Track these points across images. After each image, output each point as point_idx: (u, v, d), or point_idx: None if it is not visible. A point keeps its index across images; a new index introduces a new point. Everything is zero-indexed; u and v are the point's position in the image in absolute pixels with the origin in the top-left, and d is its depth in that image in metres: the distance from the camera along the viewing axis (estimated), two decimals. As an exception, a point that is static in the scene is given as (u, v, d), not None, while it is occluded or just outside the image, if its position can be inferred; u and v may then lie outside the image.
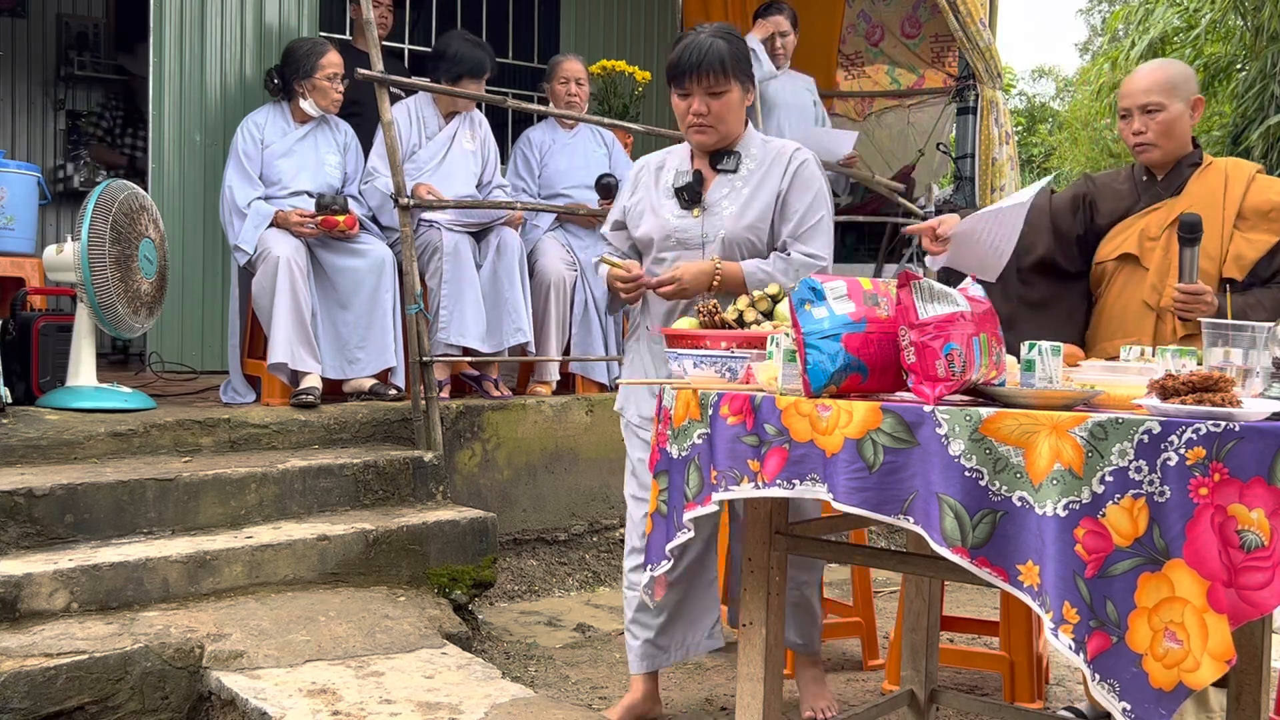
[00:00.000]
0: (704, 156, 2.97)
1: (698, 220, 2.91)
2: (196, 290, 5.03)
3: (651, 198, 3.00)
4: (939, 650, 2.85)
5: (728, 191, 2.91)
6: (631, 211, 3.05)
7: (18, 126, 7.06)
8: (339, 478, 3.68)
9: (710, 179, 2.95)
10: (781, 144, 2.98)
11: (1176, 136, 2.92)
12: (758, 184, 2.91)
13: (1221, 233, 2.82)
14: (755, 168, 2.92)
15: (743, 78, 2.85)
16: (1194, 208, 2.84)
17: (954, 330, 1.89)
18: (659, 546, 2.25)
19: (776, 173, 2.91)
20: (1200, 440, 1.64)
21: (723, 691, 3.30)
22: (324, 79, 4.38)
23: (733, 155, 2.93)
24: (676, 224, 2.92)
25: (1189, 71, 2.99)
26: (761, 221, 2.89)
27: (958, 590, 4.38)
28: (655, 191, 3.00)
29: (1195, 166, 2.94)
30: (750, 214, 2.88)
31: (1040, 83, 22.38)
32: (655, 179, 3.02)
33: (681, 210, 2.93)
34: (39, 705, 2.54)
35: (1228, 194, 2.85)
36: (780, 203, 2.89)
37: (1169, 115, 2.90)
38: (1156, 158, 2.95)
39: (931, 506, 1.84)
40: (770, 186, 2.90)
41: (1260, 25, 9.69)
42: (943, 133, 6.99)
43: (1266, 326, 1.96)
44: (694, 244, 2.91)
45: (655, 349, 2.98)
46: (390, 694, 2.64)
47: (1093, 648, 1.68)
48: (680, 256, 2.91)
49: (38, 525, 3.08)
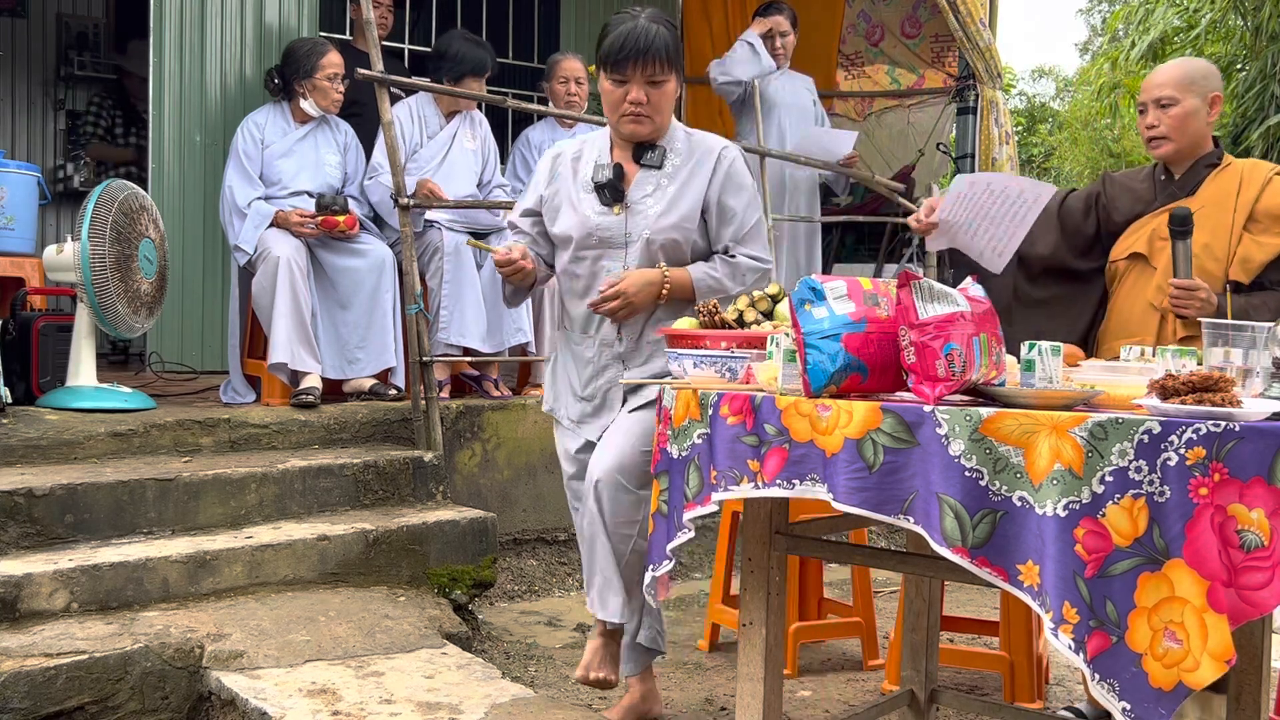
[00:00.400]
0: (626, 148, 2.81)
1: (619, 218, 2.77)
2: (196, 290, 5.03)
3: (570, 191, 2.83)
4: (939, 650, 2.85)
5: (652, 189, 2.77)
6: (548, 204, 2.88)
7: (18, 126, 7.06)
8: (339, 478, 3.68)
9: (632, 174, 2.79)
10: (708, 139, 2.84)
11: (1190, 132, 2.89)
12: (684, 182, 2.77)
13: (1230, 234, 2.80)
14: (681, 164, 2.79)
15: (679, 70, 2.73)
16: (1206, 208, 2.83)
17: (954, 330, 1.89)
18: (660, 547, 2.25)
19: (704, 171, 2.78)
20: (1200, 440, 1.64)
21: (723, 691, 3.30)
22: (324, 79, 4.38)
23: (657, 150, 2.78)
24: (598, 221, 2.78)
25: (1211, 70, 2.94)
26: (688, 221, 2.76)
27: (958, 590, 4.37)
28: (573, 184, 2.83)
29: (1213, 167, 2.91)
30: (675, 213, 2.75)
31: (1040, 83, 22.39)
32: (573, 170, 2.85)
33: (602, 207, 2.78)
34: (39, 705, 2.54)
35: (1241, 195, 2.82)
36: (716, 205, 2.78)
37: (1182, 110, 2.88)
38: (1168, 152, 2.93)
39: (932, 506, 1.84)
40: (697, 185, 2.77)
41: (1260, 25, 9.69)
42: (943, 133, 6.99)
43: (1266, 326, 1.96)
44: (616, 243, 2.77)
45: (577, 351, 2.88)
46: (390, 694, 2.64)
47: (1092, 647, 1.68)
48: (602, 256, 2.78)
49: (38, 525, 3.08)
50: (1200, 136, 2.91)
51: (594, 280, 2.80)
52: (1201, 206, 2.86)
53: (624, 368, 2.81)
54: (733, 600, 3.67)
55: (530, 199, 2.93)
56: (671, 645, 3.76)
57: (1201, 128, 2.90)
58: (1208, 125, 2.90)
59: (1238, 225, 2.80)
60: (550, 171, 2.89)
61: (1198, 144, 2.92)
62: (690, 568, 4.66)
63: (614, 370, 2.83)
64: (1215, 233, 2.81)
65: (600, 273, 2.80)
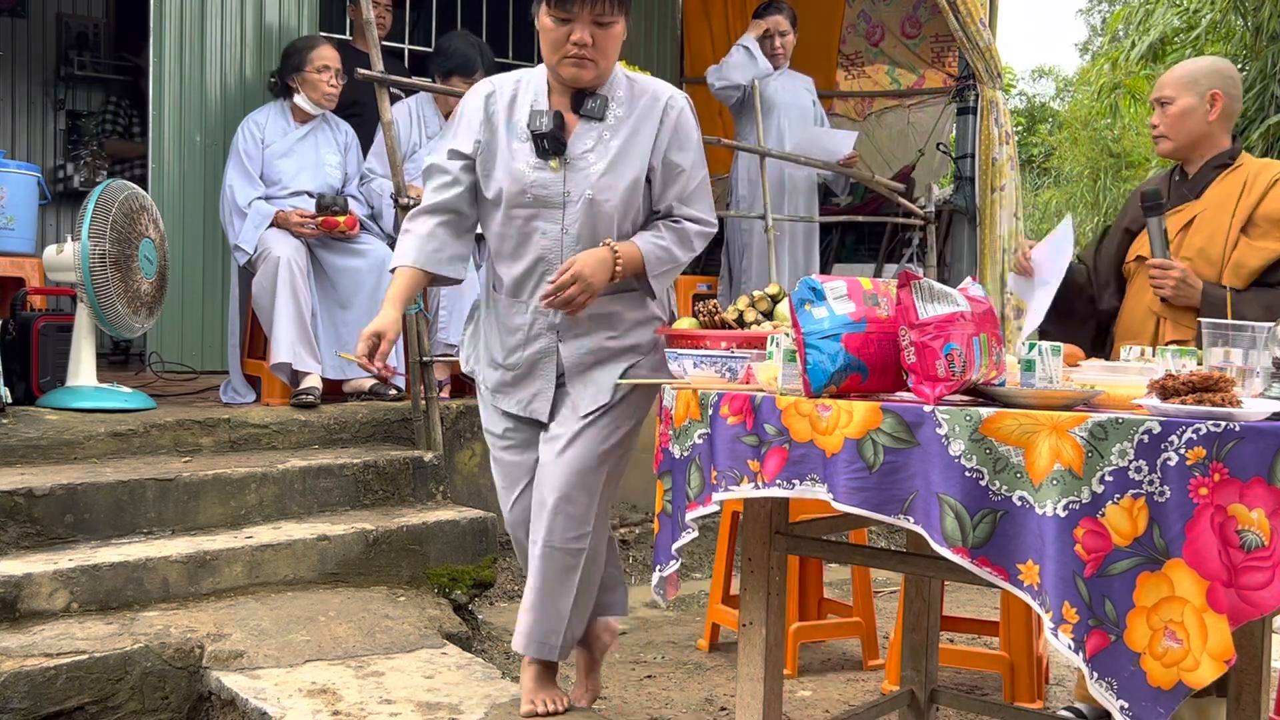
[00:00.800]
0: (565, 95, 2.54)
1: (558, 175, 2.50)
2: (196, 290, 5.03)
3: (503, 140, 2.54)
4: (939, 650, 2.85)
5: (593, 143, 2.51)
6: (482, 150, 2.56)
7: (18, 126, 7.06)
8: (339, 478, 3.68)
9: (571, 124, 2.52)
10: (653, 85, 2.60)
11: (1187, 131, 2.88)
12: (629, 135, 2.52)
13: (1226, 239, 2.78)
14: (624, 114, 2.53)
15: (628, 12, 2.48)
16: (1207, 210, 2.83)
17: (954, 330, 1.89)
18: (665, 547, 2.25)
19: (650, 122, 2.54)
20: (1200, 440, 1.64)
21: (723, 691, 3.30)
22: (313, 71, 4.36)
23: (598, 99, 2.52)
24: (534, 177, 2.50)
25: (1217, 67, 2.91)
26: (631, 179, 2.52)
27: (958, 590, 4.38)
28: (506, 131, 2.54)
29: (1223, 168, 2.88)
30: (620, 170, 2.50)
31: (1040, 83, 22.40)
32: (507, 115, 2.55)
33: (538, 160, 2.51)
34: (39, 705, 2.54)
35: (1242, 199, 2.80)
36: (662, 163, 2.54)
37: (1178, 108, 2.88)
38: (1166, 150, 2.94)
39: (932, 506, 1.84)
40: (644, 138, 2.53)
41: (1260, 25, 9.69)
42: (943, 133, 6.99)
43: (1266, 326, 1.96)
44: (554, 202, 2.51)
45: (505, 317, 2.61)
46: (390, 694, 2.64)
47: (1091, 646, 1.68)
48: (536, 216, 2.51)
49: (38, 525, 3.08)
50: (1200, 135, 2.89)
51: (526, 243, 2.54)
52: (1204, 209, 2.85)
53: (558, 339, 2.58)
54: (733, 600, 3.67)
55: (463, 140, 2.58)
56: (671, 645, 3.76)
57: (1199, 126, 2.88)
58: (1209, 124, 2.87)
59: (1234, 229, 2.78)
60: (483, 113, 2.57)
61: (1199, 143, 2.90)
62: (690, 568, 4.66)
63: (546, 341, 2.59)
64: (1212, 237, 2.81)
65: (534, 234, 2.53)
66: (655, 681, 3.38)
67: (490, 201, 2.57)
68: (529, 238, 2.54)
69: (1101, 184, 16.07)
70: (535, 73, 2.60)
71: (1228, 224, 2.79)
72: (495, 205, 2.55)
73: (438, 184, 2.59)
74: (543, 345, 2.60)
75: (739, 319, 2.52)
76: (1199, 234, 2.83)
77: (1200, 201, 2.87)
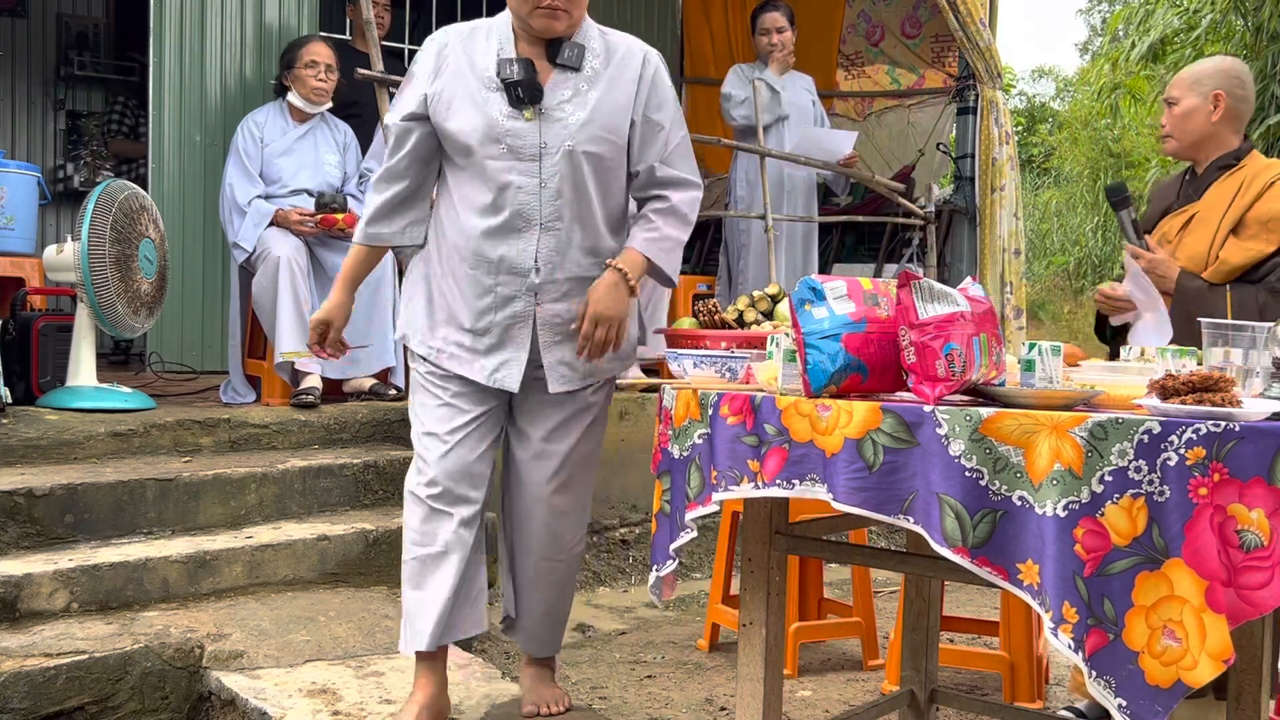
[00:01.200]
0: (536, 44, 2.41)
1: (533, 125, 2.37)
2: (196, 290, 5.03)
3: (468, 87, 2.40)
4: (939, 650, 2.85)
5: (570, 94, 2.40)
6: (437, 101, 2.41)
7: (18, 126, 7.06)
8: (339, 478, 3.68)
9: (545, 73, 2.41)
10: (627, 39, 2.51)
11: (1190, 131, 2.89)
12: (606, 86, 2.42)
13: (1213, 239, 2.78)
14: (600, 66, 2.43)
15: None
16: (1203, 211, 2.84)
17: (954, 330, 1.89)
18: (664, 547, 2.25)
19: (629, 75, 2.44)
20: (1200, 440, 1.64)
21: (723, 691, 3.30)
22: (302, 67, 4.36)
23: (575, 47, 2.40)
24: (508, 126, 2.36)
25: (1223, 67, 2.90)
26: (614, 133, 2.41)
27: (958, 590, 4.38)
28: (472, 79, 2.41)
29: (1226, 169, 2.88)
30: (600, 123, 2.40)
31: (1040, 83, 22.39)
32: (469, 64, 2.42)
33: (511, 109, 2.37)
34: (39, 705, 2.54)
35: (1236, 200, 2.79)
36: (642, 120, 2.45)
37: (1182, 109, 2.89)
38: (1172, 149, 2.96)
39: (932, 506, 1.84)
40: (622, 94, 2.43)
41: (1260, 25, 9.68)
42: (943, 133, 6.99)
43: (1266, 326, 1.96)
44: (528, 154, 2.38)
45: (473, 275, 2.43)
46: (390, 694, 2.64)
47: (1090, 645, 1.68)
48: (511, 169, 2.37)
49: (38, 525, 3.08)
50: (1204, 135, 2.89)
51: (501, 197, 2.39)
52: (1201, 209, 2.86)
53: (535, 301, 2.43)
54: (733, 600, 3.68)
55: (412, 99, 2.45)
56: (671, 645, 3.76)
57: (1203, 126, 2.88)
58: (1212, 124, 2.87)
59: (1222, 231, 2.77)
60: (436, 64, 2.43)
61: (1204, 143, 2.90)
62: (690, 568, 4.67)
63: (522, 303, 2.43)
64: (1202, 240, 2.81)
65: (509, 188, 2.38)
66: (655, 681, 3.38)
67: (456, 153, 2.42)
68: (504, 191, 2.39)
69: (1101, 184, 16.06)
70: (497, 21, 2.47)
71: (1216, 224, 2.79)
72: (463, 156, 2.41)
73: (391, 148, 2.49)
74: (518, 309, 2.44)
75: (739, 319, 2.53)
76: (1193, 234, 2.83)
77: (1200, 202, 2.88)
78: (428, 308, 2.51)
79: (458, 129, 2.38)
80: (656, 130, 2.46)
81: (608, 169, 2.43)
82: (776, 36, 5.70)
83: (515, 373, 2.46)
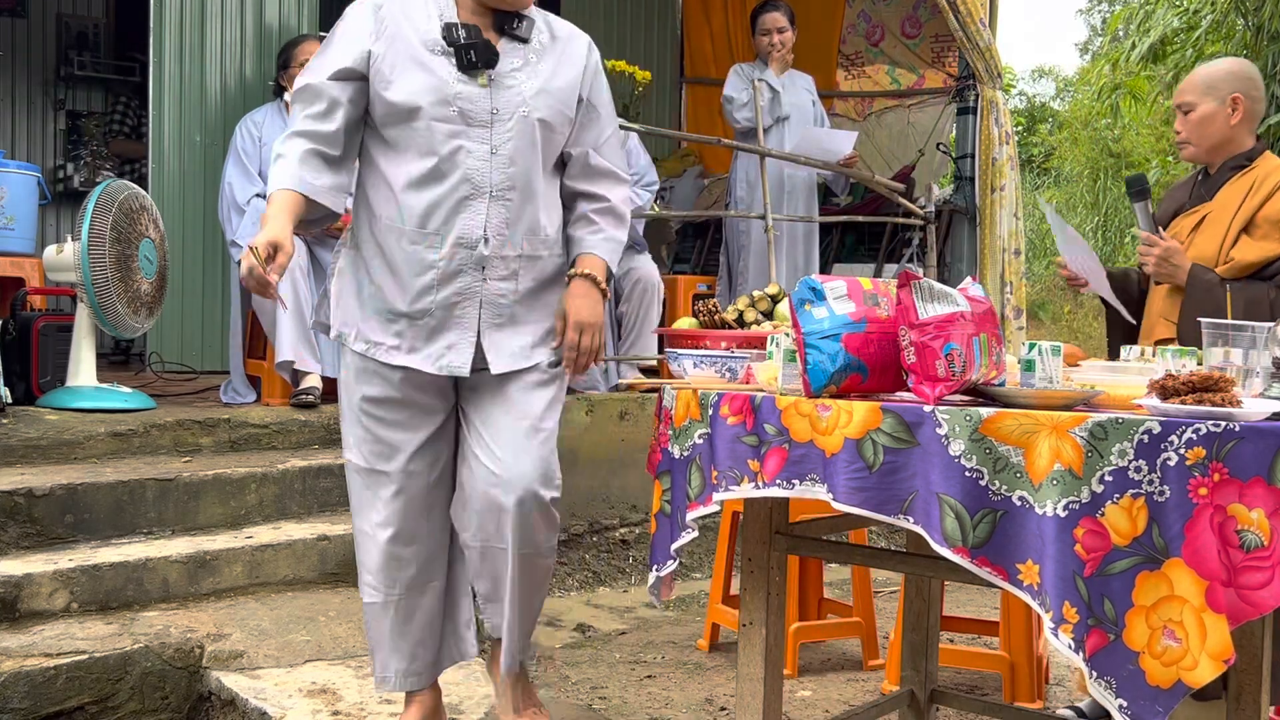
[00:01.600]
0: (483, 14, 2.35)
1: (485, 90, 2.30)
2: (196, 290, 5.03)
3: (412, 49, 2.30)
4: (939, 650, 2.85)
5: (521, 64, 2.35)
6: (379, 62, 2.29)
7: (18, 126, 7.06)
8: (339, 478, 3.68)
9: (494, 43, 2.34)
10: (567, 24, 2.48)
11: (1209, 135, 2.89)
12: (556, 62, 2.39)
13: (1224, 239, 2.79)
14: (548, 41, 2.41)
15: None
16: (1215, 211, 2.84)
17: (954, 330, 1.89)
18: (664, 547, 2.25)
19: (576, 56, 2.43)
20: (1200, 440, 1.64)
21: (723, 691, 3.30)
22: (299, 67, 4.37)
23: (526, 20, 2.37)
24: (460, 90, 2.28)
25: (1236, 69, 2.90)
26: (565, 106, 2.37)
27: (958, 590, 4.38)
28: (415, 41, 2.31)
29: (1238, 169, 2.88)
30: (554, 94, 2.36)
31: (1040, 83, 22.39)
32: (412, 27, 2.32)
33: (461, 74, 2.29)
34: (39, 705, 2.54)
35: (1247, 200, 2.80)
36: (586, 103, 2.42)
37: (1198, 114, 2.88)
38: (1191, 155, 2.95)
39: (932, 506, 1.84)
40: (571, 71, 2.41)
41: (1261, 25, 9.68)
42: (943, 133, 6.99)
43: (1266, 326, 1.96)
44: (479, 120, 2.29)
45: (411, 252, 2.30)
46: (390, 694, 2.63)
47: (1090, 645, 1.68)
48: (462, 133, 2.27)
49: (38, 525, 3.08)
50: (1224, 139, 2.89)
51: (447, 163, 2.29)
52: (1213, 209, 2.86)
53: (483, 276, 2.32)
54: (733, 600, 3.67)
55: (348, 53, 2.30)
56: (671, 645, 3.76)
57: (1222, 130, 2.87)
58: (1231, 127, 2.87)
59: (1233, 231, 2.78)
60: (375, 24, 2.31)
61: (1222, 146, 2.90)
62: (690, 568, 4.67)
63: (469, 279, 2.31)
64: (1213, 240, 2.81)
65: (457, 154, 2.28)
66: (655, 681, 3.38)
67: (395, 120, 2.29)
68: (451, 158, 2.28)
69: (1101, 184, 16.06)
70: None
71: (1228, 224, 2.80)
72: (402, 119, 2.28)
73: (315, 110, 2.32)
74: (464, 285, 2.31)
75: (739, 319, 2.53)
76: (1204, 234, 2.84)
77: (1213, 202, 2.88)
78: (358, 298, 2.40)
79: (404, 91, 2.27)
80: (596, 117, 2.45)
81: (554, 142, 2.39)
82: (777, 36, 5.70)
83: (465, 356, 2.33)
